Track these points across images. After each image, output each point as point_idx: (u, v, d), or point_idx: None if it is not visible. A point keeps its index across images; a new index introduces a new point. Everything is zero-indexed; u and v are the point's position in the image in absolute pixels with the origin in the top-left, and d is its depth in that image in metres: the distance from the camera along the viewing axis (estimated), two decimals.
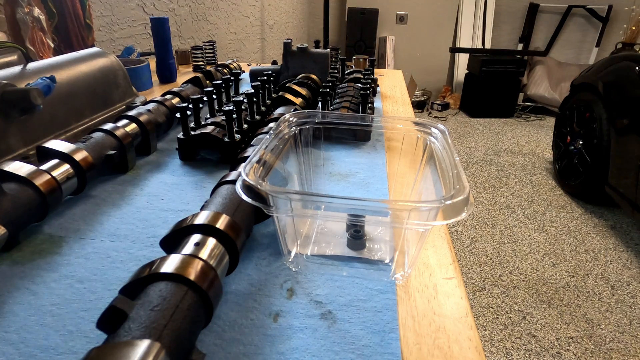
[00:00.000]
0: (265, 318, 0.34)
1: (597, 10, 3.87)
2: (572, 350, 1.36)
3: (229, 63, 1.08)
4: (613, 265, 1.79)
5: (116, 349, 0.23)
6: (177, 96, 0.79)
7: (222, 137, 0.62)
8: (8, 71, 0.57)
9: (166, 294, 0.27)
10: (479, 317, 1.50)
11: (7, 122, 0.53)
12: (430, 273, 0.40)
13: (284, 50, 0.92)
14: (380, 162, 0.65)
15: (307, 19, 3.87)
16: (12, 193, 0.41)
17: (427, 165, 0.45)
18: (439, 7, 3.81)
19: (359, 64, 1.20)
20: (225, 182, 0.44)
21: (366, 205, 0.33)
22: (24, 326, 0.33)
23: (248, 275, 0.39)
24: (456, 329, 0.34)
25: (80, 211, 0.49)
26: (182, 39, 1.74)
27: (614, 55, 2.13)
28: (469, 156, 2.95)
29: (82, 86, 0.68)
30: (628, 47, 3.42)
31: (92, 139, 0.55)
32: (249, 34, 2.51)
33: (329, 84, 0.77)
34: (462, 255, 1.85)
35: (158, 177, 0.58)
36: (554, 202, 2.30)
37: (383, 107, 0.97)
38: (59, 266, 0.39)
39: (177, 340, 0.25)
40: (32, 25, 0.74)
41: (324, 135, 0.52)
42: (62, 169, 0.48)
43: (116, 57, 0.78)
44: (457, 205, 0.30)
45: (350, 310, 0.35)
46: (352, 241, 0.42)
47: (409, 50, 4.00)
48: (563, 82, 3.75)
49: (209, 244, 0.34)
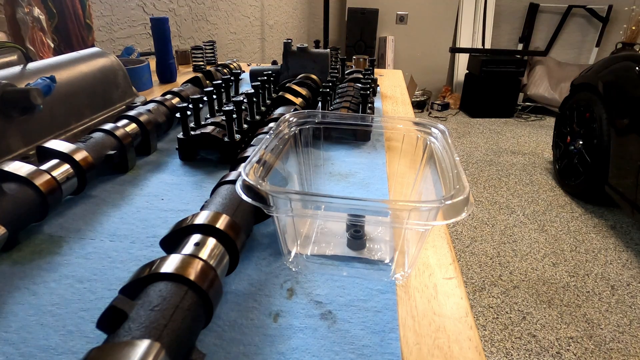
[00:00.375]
0: (265, 318, 0.34)
1: (597, 10, 3.87)
2: (572, 350, 1.36)
3: (229, 63, 1.08)
4: (613, 265, 1.79)
5: (116, 349, 0.23)
6: (177, 96, 0.79)
7: (222, 137, 0.62)
8: (8, 71, 0.57)
9: (166, 294, 0.27)
10: (479, 317, 1.50)
11: (7, 122, 0.53)
12: (430, 273, 0.40)
13: (284, 50, 0.92)
14: (380, 162, 0.65)
15: (307, 19, 3.87)
16: (12, 193, 0.41)
17: (427, 165, 0.45)
18: (439, 7, 3.81)
19: (359, 64, 1.20)
20: (225, 182, 0.44)
21: (366, 205, 0.33)
22: (24, 326, 0.33)
23: (248, 275, 0.39)
24: (456, 329, 0.34)
25: (80, 211, 0.49)
26: (182, 39, 1.74)
27: (614, 55, 2.13)
28: (469, 156, 2.95)
29: (82, 86, 0.68)
30: (628, 47, 3.42)
31: (92, 139, 0.55)
32: (249, 34, 2.51)
33: (329, 84, 0.77)
34: (462, 255, 1.85)
35: (158, 177, 0.58)
36: (554, 202, 2.30)
37: (383, 107, 0.97)
38: (59, 266, 0.39)
39: (177, 340, 0.25)
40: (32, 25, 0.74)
41: (324, 135, 0.52)
42: (62, 169, 0.48)
43: (116, 57, 0.78)
44: (457, 205, 0.30)
45: (350, 310, 0.35)
46: (352, 241, 0.42)
47: (409, 50, 3.99)
48: (563, 82, 3.75)
49: (209, 244, 0.34)
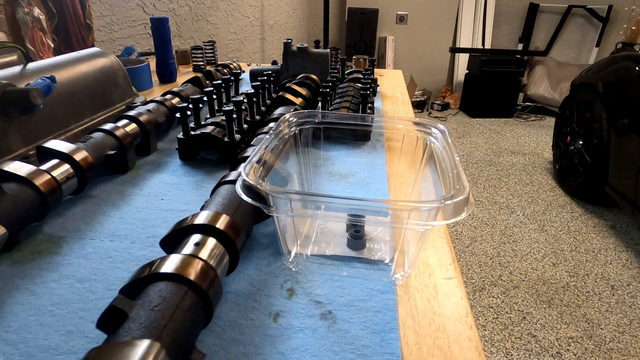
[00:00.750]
0: (265, 318, 0.34)
1: (597, 10, 3.87)
2: (572, 350, 1.36)
3: (229, 63, 1.08)
4: (613, 265, 1.79)
5: (116, 349, 0.23)
6: (177, 96, 0.79)
7: (222, 137, 0.62)
8: (8, 71, 0.57)
9: (166, 294, 0.27)
10: (479, 317, 1.50)
11: (7, 122, 0.53)
12: (430, 273, 0.40)
13: (284, 50, 0.92)
14: (380, 162, 0.65)
15: (307, 19, 3.87)
16: (12, 193, 0.41)
17: (427, 165, 0.45)
18: (439, 7, 3.81)
19: (359, 64, 1.20)
20: (225, 182, 0.44)
21: (366, 205, 0.33)
22: (24, 326, 0.33)
23: (248, 275, 0.39)
24: (456, 329, 0.34)
25: (80, 211, 0.49)
26: (182, 39, 1.74)
27: (614, 55, 2.13)
28: (469, 156, 2.95)
29: (82, 86, 0.68)
30: (628, 47, 3.41)
31: (92, 139, 0.55)
32: (249, 34, 2.51)
33: (329, 84, 0.77)
34: (462, 255, 1.85)
35: (158, 177, 0.58)
36: (554, 202, 2.30)
37: (383, 107, 0.97)
38: (59, 266, 0.39)
39: (177, 340, 0.25)
40: (32, 25, 0.74)
41: (324, 135, 0.52)
42: (62, 169, 0.48)
43: (116, 57, 0.78)
44: (457, 205, 0.30)
45: (350, 310, 0.35)
46: (352, 241, 0.42)
47: (409, 50, 3.99)
48: (563, 82, 3.75)
49: (209, 244, 0.34)
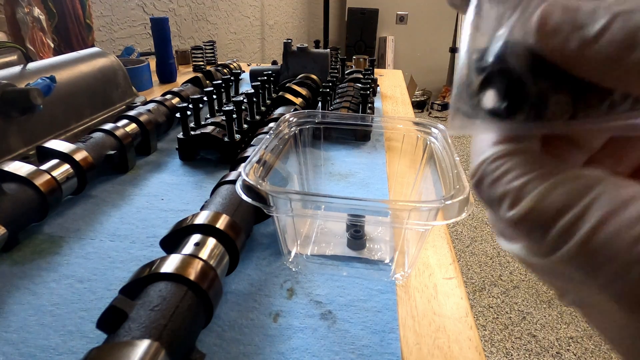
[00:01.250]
0: (265, 318, 0.34)
1: None
2: (572, 350, 1.36)
3: (229, 63, 1.08)
4: None
5: (116, 349, 0.23)
6: (177, 96, 0.79)
7: (222, 137, 0.62)
8: (8, 71, 0.57)
9: (166, 294, 0.27)
10: (479, 317, 1.50)
11: (7, 122, 0.53)
12: (430, 273, 0.40)
13: (284, 50, 0.92)
14: (380, 162, 0.65)
15: (307, 19, 3.87)
16: (12, 193, 0.41)
17: (427, 165, 0.45)
18: (439, 7, 3.81)
19: (359, 64, 1.20)
20: (225, 182, 0.44)
21: (366, 205, 0.33)
22: (24, 326, 0.33)
23: (248, 275, 0.39)
24: (456, 329, 0.34)
25: (80, 211, 0.49)
26: (182, 39, 1.74)
27: None
28: (469, 156, 2.95)
29: (82, 86, 0.68)
30: None
31: (92, 139, 0.55)
32: (249, 34, 2.51)
33: (329, 84, 0.77)
34: (462, 255, 1.85)
35: (158, 177, 0.58)
36: None
37: (383, 107, 0.97)
38: (59, 266, 0.39)
39: (177, 340, 0.25)
40: (32, 25, 0.74)
41: (324, 135, 0.52)
42: (62, 169, 0.48)
43: (116, 57, 0.78)
44: (457, 205, 0.30)
45: (350, 310, 0.35)
46: (352, 241, 0.42)
47: (409, 50, 3.99)
48: None
49: (209, 244, 0.34)
